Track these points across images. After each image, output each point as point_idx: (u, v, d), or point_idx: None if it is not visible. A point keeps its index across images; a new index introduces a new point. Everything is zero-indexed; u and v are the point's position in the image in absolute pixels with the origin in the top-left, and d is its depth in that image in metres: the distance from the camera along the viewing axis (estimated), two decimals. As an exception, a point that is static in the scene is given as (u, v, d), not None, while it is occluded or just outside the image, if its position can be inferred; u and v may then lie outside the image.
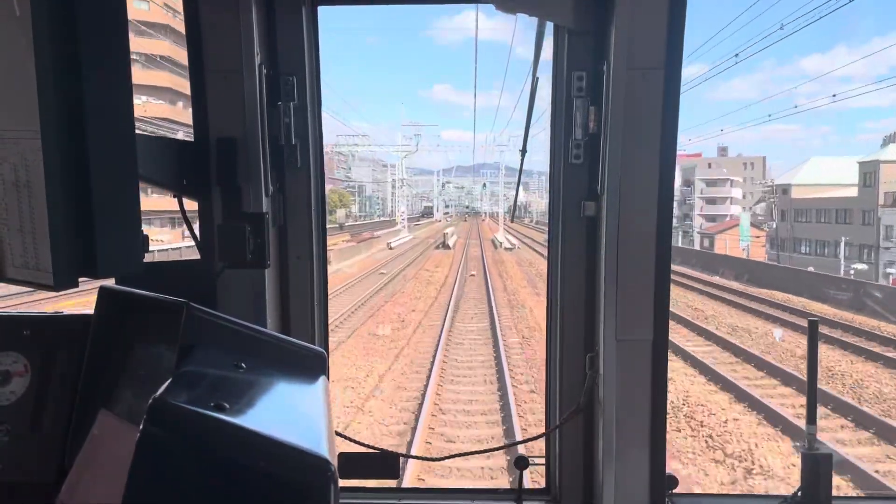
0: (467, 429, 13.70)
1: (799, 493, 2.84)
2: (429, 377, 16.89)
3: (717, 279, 43.21)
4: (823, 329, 22.70)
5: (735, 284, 40.01)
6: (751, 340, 23.01)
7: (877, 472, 11.65)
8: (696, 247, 74.14)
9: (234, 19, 2.78)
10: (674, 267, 31.12)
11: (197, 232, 2.94)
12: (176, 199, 2.81)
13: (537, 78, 3.33)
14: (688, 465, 12.47)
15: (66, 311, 2.22)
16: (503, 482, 11.00)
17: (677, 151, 2.85)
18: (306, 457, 1.23)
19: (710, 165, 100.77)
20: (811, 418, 2.87)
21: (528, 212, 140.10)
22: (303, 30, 3.01)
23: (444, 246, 60.46)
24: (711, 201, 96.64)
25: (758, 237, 73.73)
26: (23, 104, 1.50)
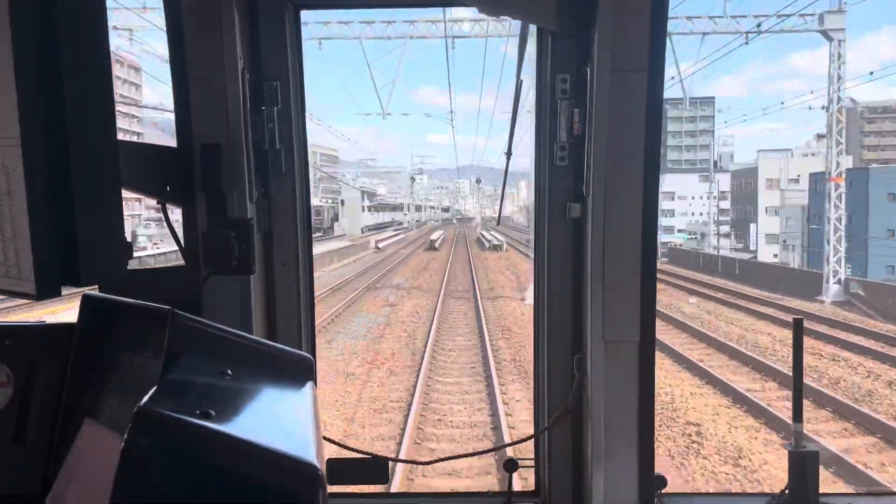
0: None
1: (787, 491, 2.86)
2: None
3: None
4: None
5: None
6: None
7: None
8: None
9: (216, 24, 2.77)
10: None
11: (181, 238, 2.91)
12: (160, 206, 2.79)
13: (521, 80, 3.34)
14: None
15: (50, 320, 2.19)
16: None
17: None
18: (293, 463, 1.22)
19: None
20: (797, 416, 2.89)
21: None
22: (286, 34, 3.00)
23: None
24: None
25: None
26: (3, 111, 1.48)
